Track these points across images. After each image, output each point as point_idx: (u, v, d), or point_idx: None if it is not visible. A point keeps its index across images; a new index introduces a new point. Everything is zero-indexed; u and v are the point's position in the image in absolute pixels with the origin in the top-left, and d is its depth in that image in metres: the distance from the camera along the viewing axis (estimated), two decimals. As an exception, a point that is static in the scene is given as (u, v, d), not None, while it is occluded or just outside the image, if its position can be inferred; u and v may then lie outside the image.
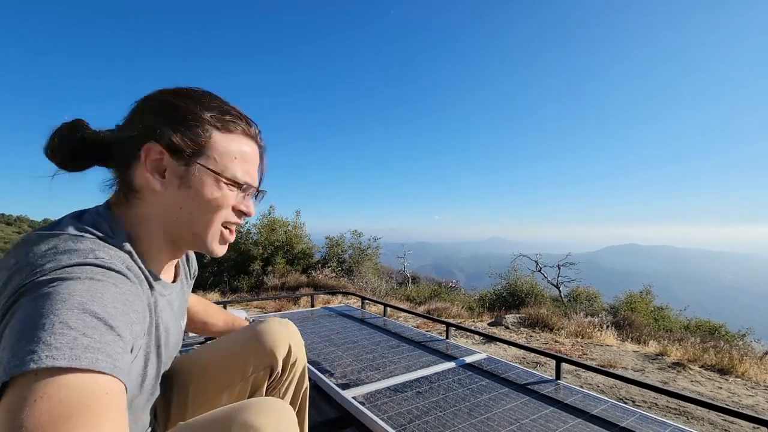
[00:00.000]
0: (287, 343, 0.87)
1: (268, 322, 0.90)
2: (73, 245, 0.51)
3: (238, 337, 0.89)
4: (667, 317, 10.82)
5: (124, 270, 0.53)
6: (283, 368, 0.86)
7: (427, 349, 1.75)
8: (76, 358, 0.40)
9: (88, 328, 0.42)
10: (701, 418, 3.75)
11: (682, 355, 5.57)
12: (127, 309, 0.49)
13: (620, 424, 1.13)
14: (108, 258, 0.53)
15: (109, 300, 0.47)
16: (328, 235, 15.01)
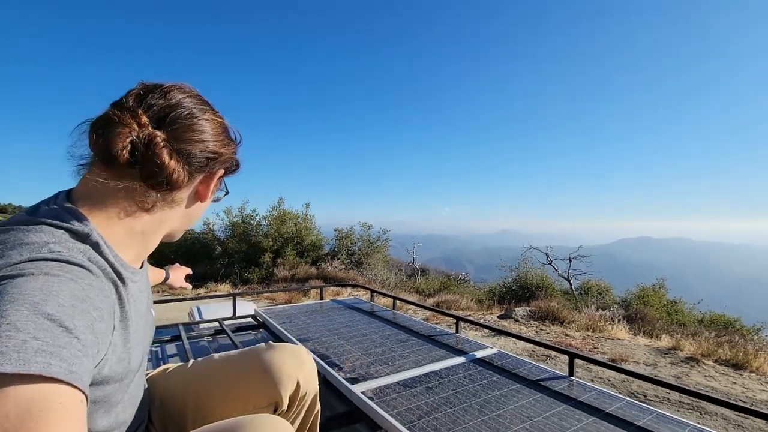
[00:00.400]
0: (295, 379, 0.82)
1: (278, 351, 0.85)
2: (24, 238, 0.48)
3: (244, 364, 0.85)
4: (680, 311, 10.65)
5: (85, 263, 0.49)
6: (289, 405, 0.83)
7: (436, 344, 1.73)
8: (25, 363, 0.36)
9: (40, 330, 0.38)
10: (714, 413, 3.69)
11: (696, 349, 5.48)
12: (87, 307, 0.45)
13: (636, 423, 1.10)
14: (66, 251, 0.49)
15: (66, 298, 0.43)
16: (337, 228, 15.06)
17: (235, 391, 0.81)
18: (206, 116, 0.64)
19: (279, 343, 0.90)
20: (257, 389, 0.80)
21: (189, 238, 15.49)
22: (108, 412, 0.60)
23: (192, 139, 0.61)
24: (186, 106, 0.61)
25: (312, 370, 0.88)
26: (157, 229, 0.64)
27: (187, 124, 0.60)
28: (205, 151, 0.63)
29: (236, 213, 15.18)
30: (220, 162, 0.67)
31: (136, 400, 0.71)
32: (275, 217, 14.50)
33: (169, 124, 0.59)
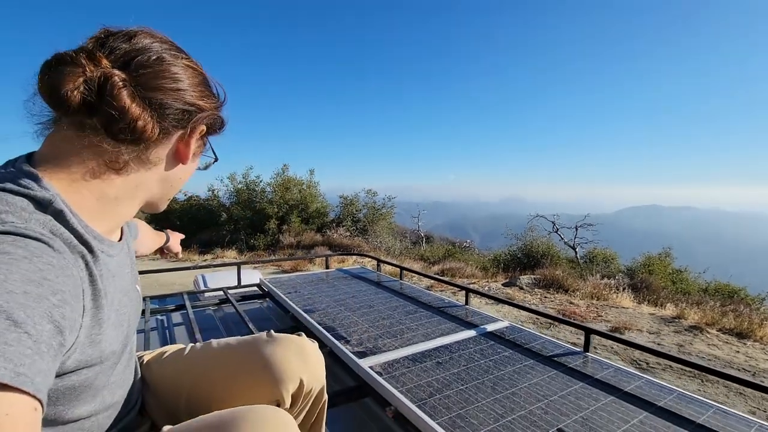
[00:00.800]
0: (298, 378, 0.75)
1: (280, 345, 0.78)
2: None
3: (243, 356, 0.78)
4: (685, 280, 10.67)
5: (44, 236, 0.42)
6: (293, 402, 0.76)
7: (446, 316, 1.69)
8: None
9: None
10: (716, 381, 3.72)
11: (700, 318, 5.49)
12: (44, 291, 0.38)
13: (657, 404, 1.05)
14: (21, 222, 0.41)
15: (16, 283, 0.36)
16: (342, 194, 14.99)
17: (233, 386, 0.75)
18: (180, 62, 0.55)
19: (281, 334, 0.82)
20: (257, 386, 0.74)
21: (194, 204, 15.55)
22: (94, 396, 0.55)
23: (163, 87, 0.52)
24: (155, 50, 0.53)
25: (318, 363, 0.81)
26: (132, 194, 0.57)
27: (156, 70, 0.52)
28: (180, 102, 0.54)
29: (240, 179, 15.11)
30: (200, 117, 0.58)
31: (125, 382, 0.66)
32: (280, 184, 14.43)
33: (136, 68, 0.50)
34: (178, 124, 0.56)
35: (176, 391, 0.77)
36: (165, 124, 0.54)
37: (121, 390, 0.65)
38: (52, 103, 0.48)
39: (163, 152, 0.57)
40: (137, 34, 0.53)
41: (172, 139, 0.57)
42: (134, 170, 0.55)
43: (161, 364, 0.83)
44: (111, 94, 0.47)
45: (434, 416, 0.97)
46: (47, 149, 0.52)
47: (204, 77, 0.60)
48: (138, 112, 0.50)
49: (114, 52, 0.50)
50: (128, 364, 0.68)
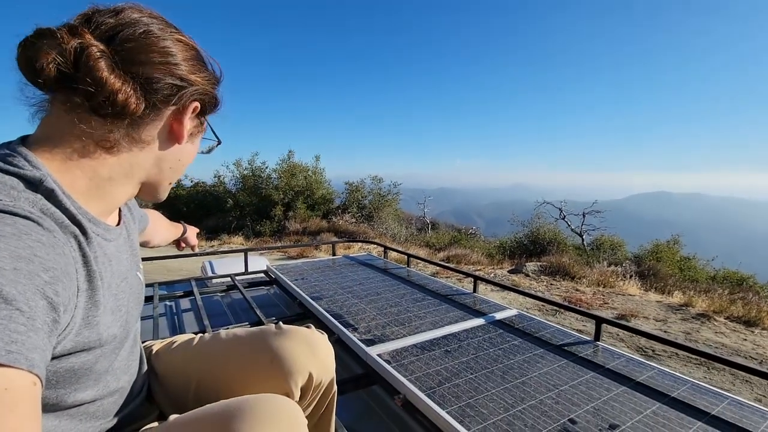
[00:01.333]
0: (307, 371, 0.74)
1: (289, 338, 0.76)
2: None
3: (252, 348, 0.77)
4: (693, 267, 10.59)
5: (33, 214, 0.41)
6: (302, 395, 0.75)
7: (454, 304, 1.68)
8: None
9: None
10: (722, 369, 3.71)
11: (708, 306, 5.46)
12: (34, 268, 0.37)
13: (671, 395, 1.03)
14: (9, 200, 0.41)
15: (6, 260, 0.35)
16: (347, 181, 14.96)
17: (242, 378, 0.74)
18: (169, 36, 0.53)
19: (290, 326, 0.81)
20: (266, 378, 0.73)
21: (200, 190, 15.61)
22: (96, 381, 0.55)
23: (150, 61, 0.50)
24: (143, 24, 0.51)
25: (328, 356, 0.80)
26: (127, 175, 0.55)
27: (142, 44, 0.50)
28: (170, 76, 0.52)
29: (246, 166, 15.11)
30: (192, 92, 0.56)
31: (130, 369, 0.66)
32: (285, 170, 14.41)
33: (120, 42, 0.49)
34: (167, 99, 0.53)
35: (185, 382, 0.77)
36: (153, 99, 0.52)
37: (126, 376, 0.64)
38: (29, 76, 0.47)
39: (154, 130, 0.55)
40: (124, 9, 0.51)
41: (163, 116, 0.55)
42: (126, 149, 0.53)
43: (170, 353, 0.82)
44: (87, 65, 0.46)
45: (443, 405, 0.96)
46: (40, 131, 0.51)
47: (196, 52, 0.58)
48: (118, 84, 0.48)
49: (99, 27, 0.49)
50: (132, 350, 0.68)
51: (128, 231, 0.68)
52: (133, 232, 0.71)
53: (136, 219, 0.77)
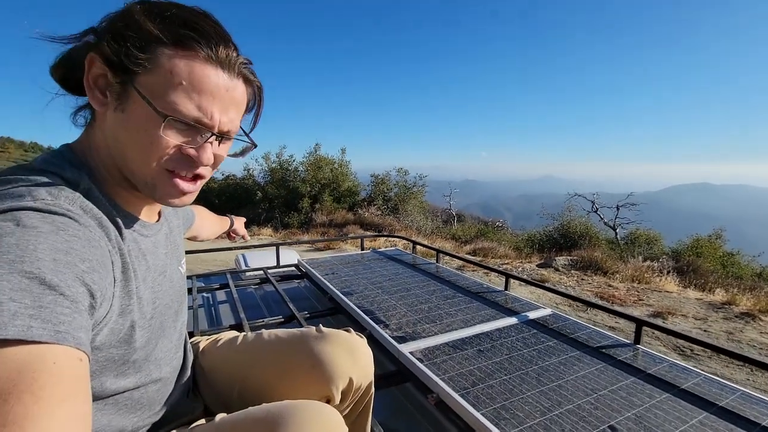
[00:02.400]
0: (348, 377, 0.75)
1: (330, 343, 0.77)
2: (8, 189, 0.44)
3: (293, 351, 0.78)
4: (737, 263, 10.01)
5: (70, 211, 0.45)
6: (342, 398, 0.76)
7: (485, 302, 1.66)
8: (2, 327, 0.33)
9: (17, 291, 0.35)
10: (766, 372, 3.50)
11: (753, 305, 5.14)
12: (72, 259, 0.41)
13: (718, 403, 0.99)
14: (51, 198, 0.44)
15: (45, 252, 0.39)
16: (373, 173, 14.98)
17: (284, 380, 0.76)
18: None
19: (331, 330, 0.82)
20: (307, 382, 0.75)
21: (231, 183, 16.07)
22: (138, 369, 0.58)
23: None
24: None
25: (367, 361, 0.81)
26: (120, 161, 0.57)
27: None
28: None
29: (274, 159, 15.39)
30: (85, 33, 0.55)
31: (173, 360, 0.69)
32: (312, 163, 14.59)
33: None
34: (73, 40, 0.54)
35: (229, 380, 0.80)
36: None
37: (168, 367, 0.67)
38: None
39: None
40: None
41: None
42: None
43: (214, 351, 0.86)
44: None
45: (478, 406, 0.96)
46: (84, 136, 0.56)
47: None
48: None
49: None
50: (177, 343, 0.71)
51: (169, 227, 0.71)
52: (175, 228, 0.74)
53: (181, 216, 0.80)
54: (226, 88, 0.52)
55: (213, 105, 0.51)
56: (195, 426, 0.66)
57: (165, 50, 0.49)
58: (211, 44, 0.50)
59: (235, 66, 0.53)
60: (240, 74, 0.54)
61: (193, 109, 0.50)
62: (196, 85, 0.50)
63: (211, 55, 0.50)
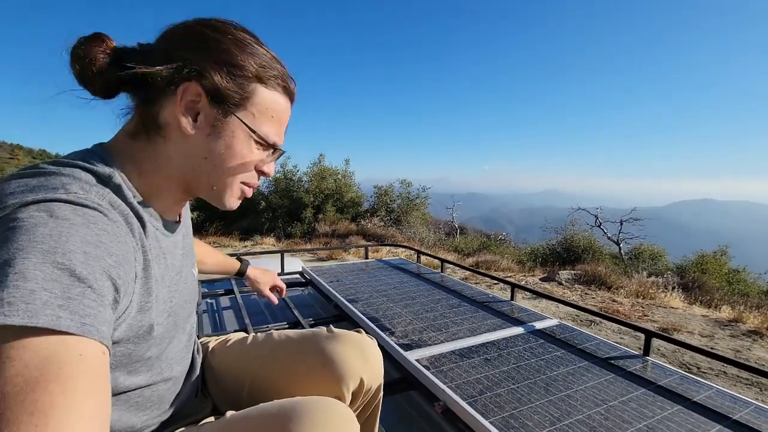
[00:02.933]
0: (359, 377, 0.75)
1: (341, 342, 0.77)
2: (44, 181, 0.45)
3: (303, 351, 0.78)
4: (743, 281, 9.90)
5: (101, 206, 0.46)
6: (352, 399, 0.76)
7: (491, 311, 1.65)
8: (33, 315, 0.33)
9: (49, 281, 0.36)
10: (776, 390, 3.43)
11: (761, 323, 5.06)
12: (101, 253, 0.42)
13: (731, 417, 0.97)
14: (82, 192, 0.45)
15: (77, 244, 0.39)
16: (376, 185, 15.02)
17: (295, 380, 0.76)
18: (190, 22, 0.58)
19: (342, 330, 0.82)
20: (318, 381, 0.74)
21: (235, 192, 16.13)
22: (150, 367, 0.58)
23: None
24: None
25: (377, 362, 0.81)
26: (199, 176, 0.59)
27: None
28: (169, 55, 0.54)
29: (278, 169, 15.50)
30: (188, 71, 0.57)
31: (184, 360, 0.69)
32: (316, 173, 14.66)
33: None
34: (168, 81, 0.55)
35: (239, 379, 0.79)
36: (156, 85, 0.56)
37: (179, 367, 0.67)
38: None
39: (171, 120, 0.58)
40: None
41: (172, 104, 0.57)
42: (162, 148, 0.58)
43: (225, 350, 0.85)
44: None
45: (486, 415, 0.94)
46: (117, 135, 0.58)
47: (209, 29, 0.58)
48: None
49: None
50: (188, 343, 0.71)
51: (186, 229, 0.72)
52: (189, 233, 0.75)
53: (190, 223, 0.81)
54: (288, 114, 0.63)
55: (283, 130, 0.62)
56: (204, 423, 0.65)
57: (260, 87, 0.57)
58: (289, 83, 0.61)
59: (294, 95, 0.63)
60: (294, 100, 0.64)
61: (278, 138, 0.61)
62: (281, 118, 0.61)
63: (288, 92, 0.61)
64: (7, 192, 0.43)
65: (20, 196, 0.42)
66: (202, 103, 0.54)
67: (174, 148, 0.56)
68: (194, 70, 0.53)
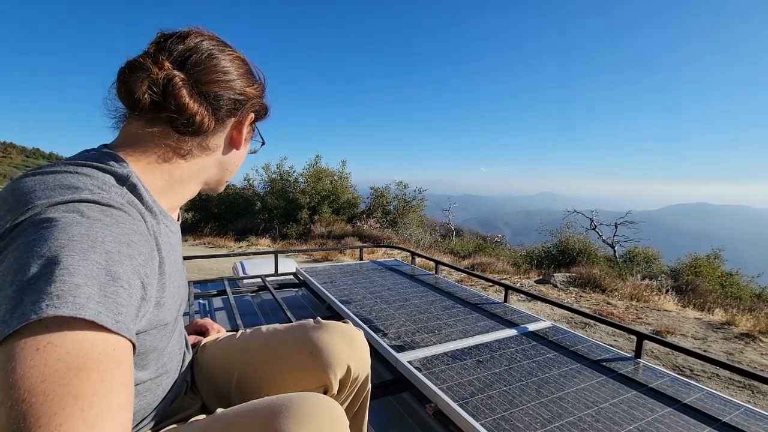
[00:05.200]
0: (345, 364, 0.76)
1: (327, 331, 0.79)
2: (64, 180, 0.47)
3: (292, 342, 0.80)
4: (736, 284, 9.98)
5: (124, 206, 0.48)
6: (339, 388, 0.77)
7: (484, 313, 1.64)
8: (80, 308, 0.36)
9: (90, 278, 0.38)
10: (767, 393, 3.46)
11: (753, 326, 5.10)
12: (132, 252, 0.44)
13: (722, 419, 0.97)
14: (105, 193, 0.48)
15: (112, 244, 0.42)
16: (373, 186, 15.03)
17: (282, 370, 0.77)
18: (226, 56, 0.61)
19: (329, 321, 0.83)
20: (305, 371, 0.75)
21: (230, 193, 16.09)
22: (158, 358, 0.60)
23: (215, 81, 0.58)
24: (205, 48, 0.60)
25: (364, 351, 0.82)
26: (195, 177, 0.64)
27: (208, 66, 0.58)
28: (231, 92, 0.61)
29: (274, 170, 15.45)
30: (249, 104, 0.64)
31: (178, 354, 0.70)
32: (312, 175, 14.64)
33: (192, 66, 0.57)
34: (230, 113, 0.62)
35: (227, 374, 0.80)
36: (220, 114, 0.60)
37: (176, 359, 0.69)
38: (129, 105, 0.56)
39: (220, 139, 0.64)
40: (189, 34, 0.60)
41: (227, 127, 0.64)
42: (197, 156, 0.62)
43: (215, 347, 0.85)
44: (173, 93, 0.54)
45: (477, 416, 0.94)
46: (123, 138, 0.59)
47: (248, 66, 0.66)
48: (195, 107, 0.56)
49: (172, 54, 0.57)
50: (179, 338, 0.72)
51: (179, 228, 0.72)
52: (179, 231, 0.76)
53: None
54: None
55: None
56: (194, 420, 0.65)
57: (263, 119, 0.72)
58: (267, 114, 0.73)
59: None
60: None
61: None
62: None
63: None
64: (29, 190, 0.44)
65: (43, 194, 0.44)
66: (248, 128, 0.67)
67: (210, 159, 0.64)
68: (247, 100, 0.64)
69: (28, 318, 0.34)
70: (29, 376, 0.32)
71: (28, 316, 0.34)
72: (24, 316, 0.34)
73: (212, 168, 0.66)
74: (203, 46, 0.59)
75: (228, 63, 0.61)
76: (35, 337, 0.34)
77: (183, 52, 0.57)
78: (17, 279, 0.36)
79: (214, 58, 0.59)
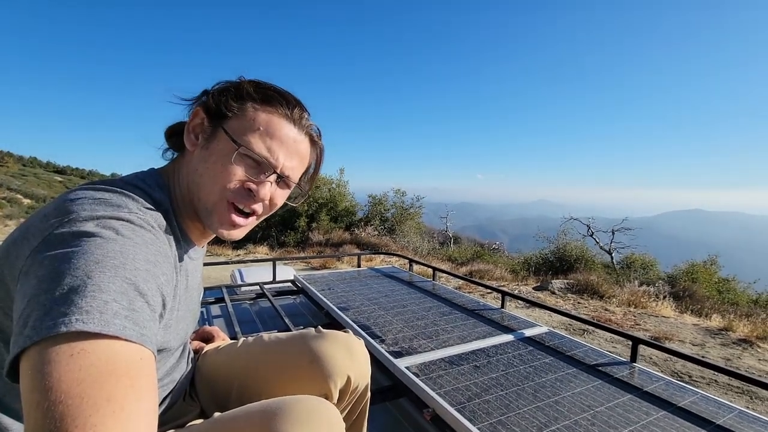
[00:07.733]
0: (346, 374, 0.76)
1: (328, 341, 0.79)
2: (108, 197, 0.50)
3: (293, 351, 0.80)
4: (733, 290, 10.00)
5: (154, 228, 0.52)
6: (340, 397, 0.77)
7: (481, 319, 1.66)
8: (106, 324, 0.38)
9: (120, 294, 0.41)
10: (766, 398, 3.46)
11: (750, 331, 5.11)
12: (157, 271, 0.48)
13: (715, 422, 0.98)
14: (141, 213, 0.52)
15: (141, 263, 0.45)
16: (371, 194, 15.05)
17: (283, 378, 0.77)
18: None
19: (330, 330, 0.83)
20: (306, 380, 0.75)
21: (228, 201, 16.06)
22: (159, 367, 0.63)
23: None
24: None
25: (365, 361, 0.82)
26: (193, 190, 0.65)
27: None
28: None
29: (272, 177, 15.45)
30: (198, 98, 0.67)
31: (182, 364, 0.73)
32: (309, 182, 14.64)
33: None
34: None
35: (228, 381, 0.80)
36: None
37: (176, 372, 0.71)
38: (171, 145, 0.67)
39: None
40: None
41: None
42: None
43: (216, 355, 0.86)
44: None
45: (474, 421, 0.95)
46: (170, 166, 0.64)
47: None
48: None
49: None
50: (183, 351, 0.75)
51: (202, 256, 0.76)
52: (201, 259, 0.78)
53: None
54: (294, 140, 0.62)
55: (280, 149, 0.60)
56: (191, 425, 0.65)
57: (253, 104, 0.60)
58: (289, 106, 0.61)
59: (305, 125, 0.64)
60: (307, 133, 0.65)
61: (264, 149, 0.59)
62: (271, 132, 0.60)
63: (287, 113, 0.61)
64: (77, 200, 0.48)
65: (89, 207, 0.47)
66: (205, 123, 0.61)
67: (183, 167, 0.64)
68: (205, 98, 0.62)
69: (57, 330, 0.36)
70: (66, 380, 0.34)
71: (58, 327, 0.36)
72: (54, 327, 0.36)
73: (182, 179, 0.68)
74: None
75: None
76: (69, 344, 0.36)
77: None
78: (52, 288, 0.39)
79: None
